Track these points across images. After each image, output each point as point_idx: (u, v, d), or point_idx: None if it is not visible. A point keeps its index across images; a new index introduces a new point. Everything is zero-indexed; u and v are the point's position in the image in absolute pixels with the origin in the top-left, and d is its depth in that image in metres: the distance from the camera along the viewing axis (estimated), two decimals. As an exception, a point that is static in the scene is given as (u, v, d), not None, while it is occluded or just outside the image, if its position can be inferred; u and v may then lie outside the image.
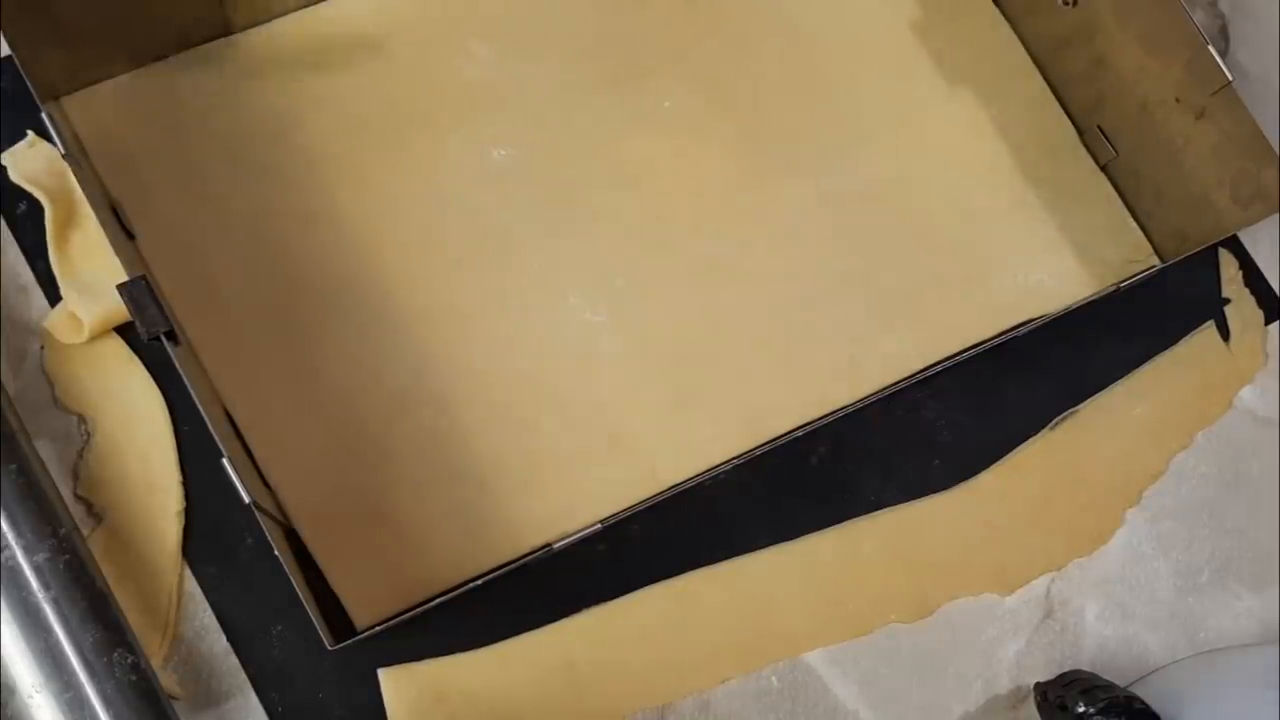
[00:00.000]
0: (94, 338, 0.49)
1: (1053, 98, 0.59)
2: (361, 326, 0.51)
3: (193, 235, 0.51)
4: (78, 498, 0.48)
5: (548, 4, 0.56)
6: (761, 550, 0.52)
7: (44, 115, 0.45)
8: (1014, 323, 0.56)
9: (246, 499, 0.42)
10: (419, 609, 0.44)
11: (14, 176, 0.50)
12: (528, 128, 0.55)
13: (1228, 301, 0.59)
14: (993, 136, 0.58)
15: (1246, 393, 0.58)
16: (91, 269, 0.49)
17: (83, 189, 0.45)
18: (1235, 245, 0.59)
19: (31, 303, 0.50)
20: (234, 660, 0.48)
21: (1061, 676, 0.52)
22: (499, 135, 0.54)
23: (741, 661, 0.51)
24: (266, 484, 0.48)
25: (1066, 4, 0.56)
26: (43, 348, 0.49)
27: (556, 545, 0.46)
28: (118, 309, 0.48)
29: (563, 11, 0.56)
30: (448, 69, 0.55)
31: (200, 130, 0.52)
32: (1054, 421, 0.56)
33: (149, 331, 0.43)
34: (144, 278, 0.43)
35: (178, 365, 0.43)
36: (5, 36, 0.47)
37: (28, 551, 0.43)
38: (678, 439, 0.52)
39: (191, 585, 0.48)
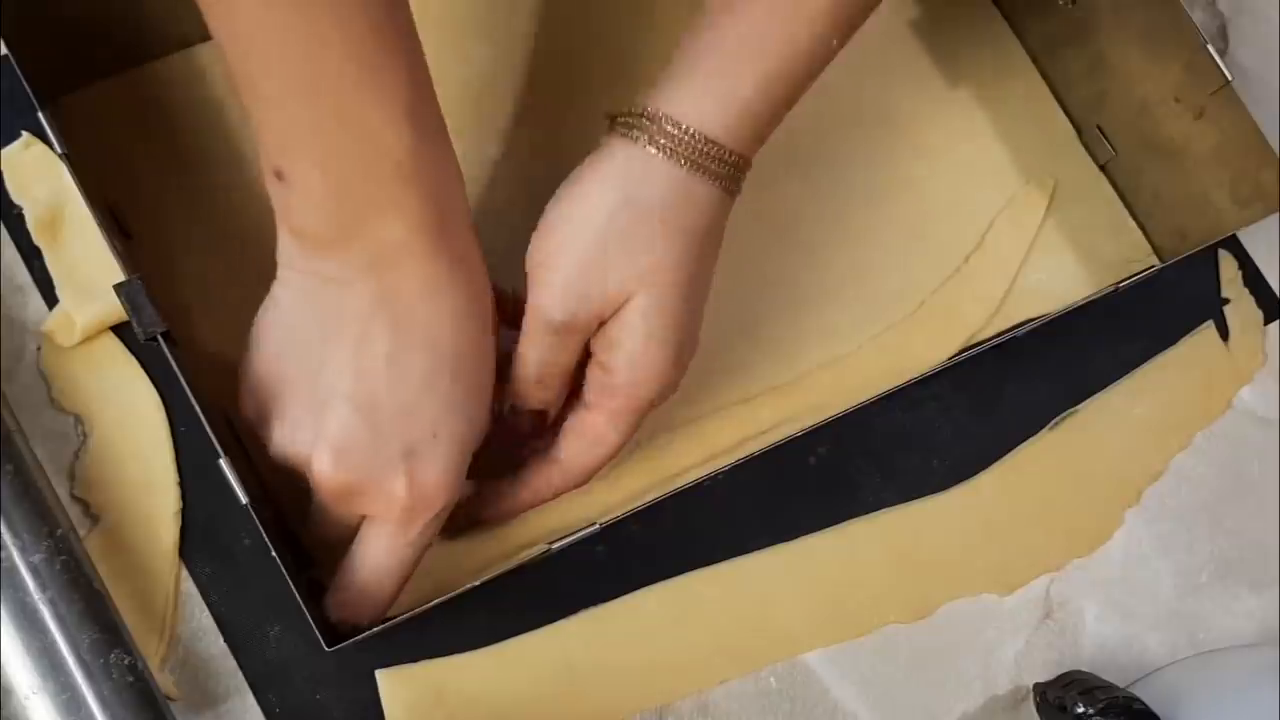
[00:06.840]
0: (90, 338, 0.49)
1: (1052, 97, 0.59)
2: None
3: (190, 235, 0.51)
4: (74, 498, 0.48)
5: (548, 5, 0.56)
6: (761, 550, 0.52)
7: (41, 115, 0.45)
8: (1013, 323, 0.56)
9: (243, 500, 0.42)
10: (418, 609, 0.44)
11: (8, 182, 0.50)
12: (527, 128, 0.55)
13: (1227, 301, 0.59)
14: (992, 136, 0.58)
15: (1246, 393, 0.58)
16: (88, 270, 0.49)
17: (79, 189, 0.45)
18: (1235, 245, 0.59)
19: (28, 303, 0.49)
20: (231, 661, 0.48)
21: (1061, 677, 0.52)
22: (498, 135, 0.54)
23: (740, 662, 0.51)
24: (263, 484, 0.47)
25: (1066, 4, 0.55)
26: (39, 348, 0.49)
27: (555, 545, 0.46)
28: (114, 309, 0.48)
29: (562, 12, 0.56)
30: (446, 69, 0.54)
31: (198, 130, 0.52)
32: (1054, 421, 0.55)
33: (146, 332, 0.43)
34: (140, 278, 0.43)
35: (174, 366, 0.43)
36: (3, 37, 0.47)
37: (24, 552, 0.43)
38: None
39: (189, 586, 0.48)
